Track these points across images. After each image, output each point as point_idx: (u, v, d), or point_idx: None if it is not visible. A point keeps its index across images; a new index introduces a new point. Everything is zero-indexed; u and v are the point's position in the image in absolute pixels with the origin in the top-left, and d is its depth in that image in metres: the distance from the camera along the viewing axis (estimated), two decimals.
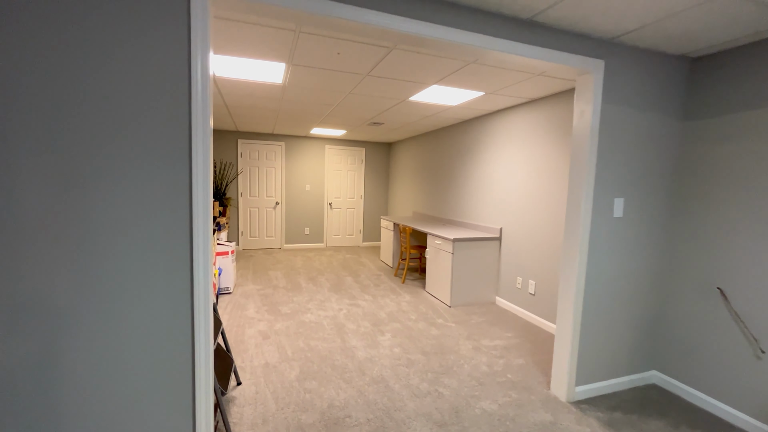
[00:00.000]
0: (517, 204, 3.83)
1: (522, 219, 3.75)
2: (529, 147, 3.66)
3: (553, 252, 3.35)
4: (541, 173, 3.51)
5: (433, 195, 5.70)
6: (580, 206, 2.17)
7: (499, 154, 4.11)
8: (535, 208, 3.58)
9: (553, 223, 3.36)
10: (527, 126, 3.68)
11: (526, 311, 3.68)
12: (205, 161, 1.41)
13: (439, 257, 4.18)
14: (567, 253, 2.25)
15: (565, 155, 3.22)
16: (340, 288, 4.53)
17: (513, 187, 3.89)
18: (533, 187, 3.60)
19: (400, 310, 3.80)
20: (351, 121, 5.16)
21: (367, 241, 7.71)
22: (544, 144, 3.46)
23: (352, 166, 7.44)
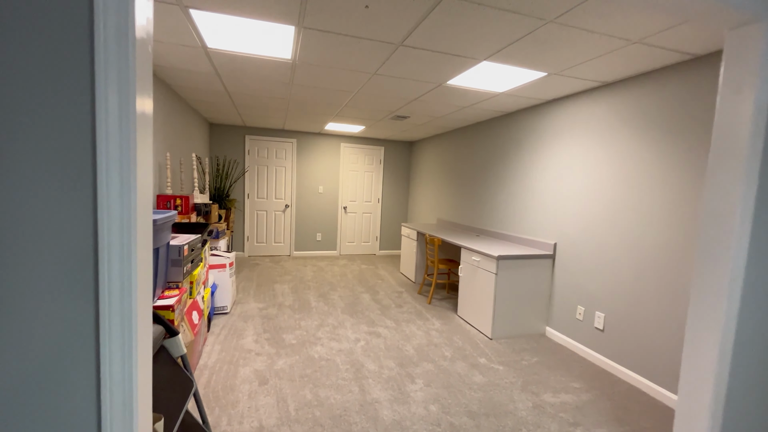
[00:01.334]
0: (579, 214, 3.08)
1: (587, 233, 3.00)
2: (600, 144, 2.90)
3: (636, 279, 2.58)
4: (618, 176, 2.75)
5: (464, 201, 4.97)
6: (731, 227, 1.42)
7: (555, 152, 3.36)
8: (607, 220, 2.82)
9: (636, 242, 2.60)
10: (598, 117, 2.93)
11: (591, 350, 2.92)
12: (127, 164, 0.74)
13: (477, 277, 3.45)
14: (701, 294, 1.50)
15: (661, 153, 2.46)
16: (356, 309, 3.84)
17: (574, 193, 3.14)
18: (605, 193, 2.84)
19: (430, 343, 3.08)
20: (372, 114, 4.48)
21: (384, 249, 7.01)
22: (623, 139, 2.71)
23: (369, 166, 6.77)
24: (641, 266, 2.55)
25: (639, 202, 2.56)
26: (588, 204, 2.99)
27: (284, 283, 4.66)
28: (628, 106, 2.67)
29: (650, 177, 2.50)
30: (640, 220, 2.56)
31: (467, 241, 3.90)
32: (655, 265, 2.46)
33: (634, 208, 2.61)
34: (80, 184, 0.72)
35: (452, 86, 3.10)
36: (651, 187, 2.48)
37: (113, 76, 0.73)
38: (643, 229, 2.53)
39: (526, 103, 3.56)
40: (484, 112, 4.05)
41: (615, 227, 2.76)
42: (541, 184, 3.51)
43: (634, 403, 2.32)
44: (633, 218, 2.61)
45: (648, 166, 2.52)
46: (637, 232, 2.59)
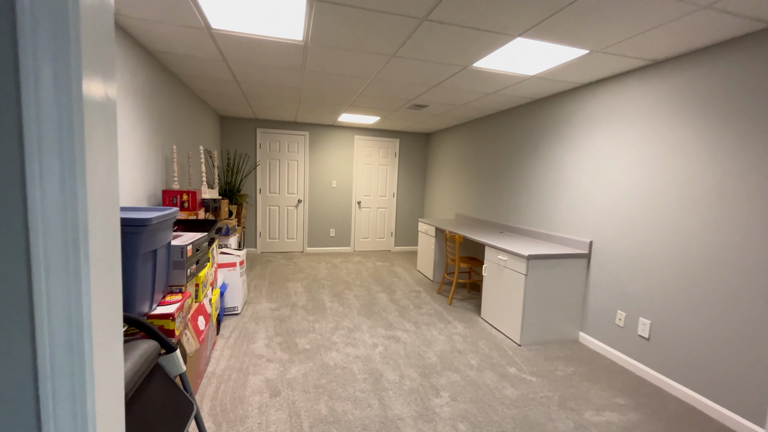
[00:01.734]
0: (619, 210, 2.78)
1: (629, 231, 2.70)
2: (645, 132, 2.59)
3: (689, 282, 2.28)
4: (666, 168, 2.44)
5: (485, 195, 4.68)
6: None
7: (590, 142, 3.05)
8: (652, 216, 2.52)
9: (688, 241, 2.30)
10: (643, 101, 2.61)
11: (634, 360, 2.64)
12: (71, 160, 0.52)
13: (504, 277, 3.19)
14: None
15: (719, 142, 2.14)
16: (373, 310, 3.63)
17: (613, 186, 2.83)
18: (650, 187, 2.54)
19: (454, 349, 2.85)
20: (388, 103, 4.22)
21: (399, 245, 6.78)
22: (672, 126, 2.39)
23: (384, 159, 6.52)
24: (694, 268, 2.25)
25: (690, 198, 2.25)
26: (630, 199, 2.69)
27: (297, 282, 4.49)
28: (681, 88, 2.35)
29: (705, 170, 2.19)
30: (692, 216, 2.26)
31: (491, 238, 3.63)
32: (712, 267, 2.16)
33: (685, 204, 2.30)
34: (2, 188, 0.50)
35: (478, 69, 2.82)
36: (705, 182, 2.17)
37: (46, 49, 0.50)
38: (697, 227, 2.22)
39: (559, 88, 3.25)
40: (510, 99, 3.75)
41: (662, 224, 2.46)
42: (575, 176, 3.21)
43: (689, 425, 2.05)
44: (684, 215, 2.31)
45: (702, 158, 2.20)
46: (689, 231, 2.28)
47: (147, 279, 1.53)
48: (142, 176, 2.69)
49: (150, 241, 1.49)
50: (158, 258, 1.62)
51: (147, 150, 2.76)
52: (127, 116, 2.43)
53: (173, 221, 1.77)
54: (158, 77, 2.94)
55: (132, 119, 2.50)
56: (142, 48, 2.62)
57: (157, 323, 1.58)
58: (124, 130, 2.41)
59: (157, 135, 2.93)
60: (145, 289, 1.52)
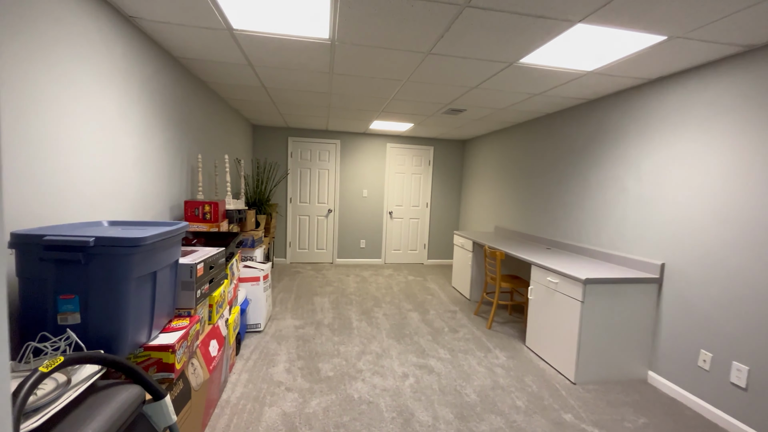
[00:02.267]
0: (701, 228, 2.30)
1: (716, 253, 2.22)
2: (735, 133, 2.12)
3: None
4: (766, 174, 1.97)
5: (529, 207, 4.26)
6: None
7: (659, 146, 2.60)
8: (749, 237, 2.04)
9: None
10: (733, 95, 2.15)
11: (723, 413, 2.13)
12: None
13: (555, 302, 2.78)
14: None
15: None
16: (404, 332, 3.32)
17: (692, 199, 2.37)
18: (746, 200, 2.06)
19: (496, 385, 2.47)
20: (422, 108, 3.95)
21: (433, 258, 6.43)
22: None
23: (417, 168, 6.24)
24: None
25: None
26: (719, 213, 2.21)
27: (325, 296, 4.27)
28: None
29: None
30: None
31: (537, 255, 3.22)
32: None
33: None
34: None
35: (526, 66, 2.49)
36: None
37: None
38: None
39: (620, 85, 2.82)
40: (559, 100, 3.35)
41: (762, 245, 1.97)
42: (640, 186, 2.75)
43: None
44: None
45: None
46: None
47: (144, 305, 1.33)
48: (166, 186, 2.59)
49: (147, 262, 1.30)
50: (160, 280, 1.44)
51: (173, 159, 2.67)
52: (150, 123, 2.33)
53: (181, 237, 1.58)
54: (188, 85, 2.87)
55: (156, 126, 2.41)
56: (167, 54, 2.53)
57: (155, 356, 1.38)
58: (147, 137, 2.31)
59: (183, 143, 2.85)
60: (142, 317, 1.33)
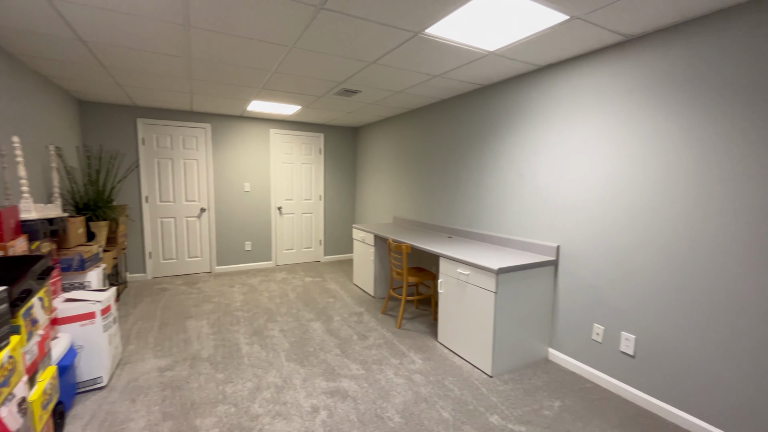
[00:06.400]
0: (592, 209, 2.44)
1: (605, 233, 2.36)
2: (621, 121, 2.26)
3: (679, 290, 1.98)
4: (646, 159, 2.13)
5: (428, 196, 4.17)
6: None
7: (553, 132, 2.68)
8: (633, 216, 2.20)
9: (677, 243, 2.00)
10: (617, 83, 2.27)
11: (618, 381, 2.31)
12: None
13: (467, 295, 2.67)
14: None
15: (713, 128, 1.85)
16: (307, 350, 2.82)
17: (580, 180, 2.49)
18: (631, 183, 2.21)
19: (418, 398, 2.21)
20: (312, 86, 3.41)
21: (330, 254, 5.99)
22: (653, 111, 2.08)
23: (307, 157, 5.65)
24: (684, 273, 1.96)
25: (673, 194, 1.94)
26: (604, 196, 2.35)
27: (202, 318, 3.43)
28: (660, 68, 2.04)
29: (689, 162, 1.90)
30: (676, 214, 1.96)
31: (442, 246, 3.10)
32: (705, 271, 1.87)
33: (668, 201, 2.00)
34: None
35: (432, 38, 2.22)
36: (690, 175, 1.87)
37: None
38: (683, 227, 1.92)
39: (518, 70, 2.82)
40: (456, 85, 3.25)
41: (643, 224, 2.15)
42: (535, 172, 2.83)
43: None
44: (667, 213, 2.01)
45: (686, 148, 1.91)
46: (675, 231, 1.99)
47: None
48: None
49: None
50: None
51: None
52: None
53: None
54: None
55: None
56: None
57: None
58: None
59: None
60: None
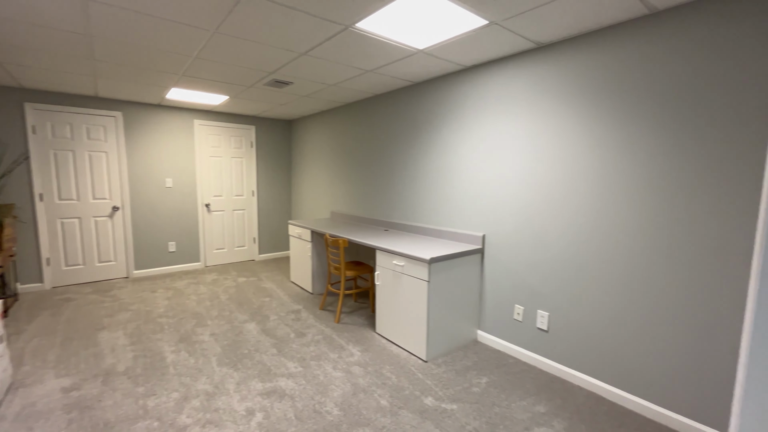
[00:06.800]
0: (512, 201, 2.67)
1: (523, 222, 2.61)
2: (534, 117, 2.50)
3: (586, 271, 2.28)
4: (556, 155, 2.39)
5: (364, 190, 4.21)
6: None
7: (478, 129, 2.87)
8: (547, 206, 2.46)
9: (580, 230, 2.28)
10: (532, 86, 2.50)
11: (535, 354, 2.58)
12: None
13: (402, 285, 2.76)
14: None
15: (610, 127, 2.14)
16: (241, 352, 2.70)
17: (502, 174, 2.71)
18: (544, 176, 2.47)
19: (357, 389, 2.25)
20: (239, 75, 3.23)
21: (266, 252, 5.75)
22: (561, 112, 2.34)
23: (237, 151, 5.34)
24: (588, 256, 2.26)
25: (578, 186, 2.21)
26: (521, 189, 2.59)
27: (117, 328, 3.08)
28: (567, 74, 2.30)
29: (591, 158, 2.19)
30: (582, 205, 2.25)
31: (379, 239, 3.16)
32: (605, 254, 2.18)
33: (575, 192, 2.28)
34: None
35: (362, 33, 2.23)
36: (593, 170, 2.15)
37: None
38: (587, 216, 2.21)
39: (446, 69, 2.96)
40: (390, 80, 3.31)
41: (554, 214, 2.42)
42: (463, 167, 3.01)
43: (605, 420, 2.01)
44: (574, 203, 2.29)
45: (588, 146, 2.19)
46: (581, 219, 2.28)
47: None
48: None
49: None
50: None
51: None
52: None
53: None
54: None
55: None
56: None
57: None
58: None
59: None
60: None
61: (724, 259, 1.75)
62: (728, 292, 1.75)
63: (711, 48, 1.74)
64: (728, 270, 1.74)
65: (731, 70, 1.69)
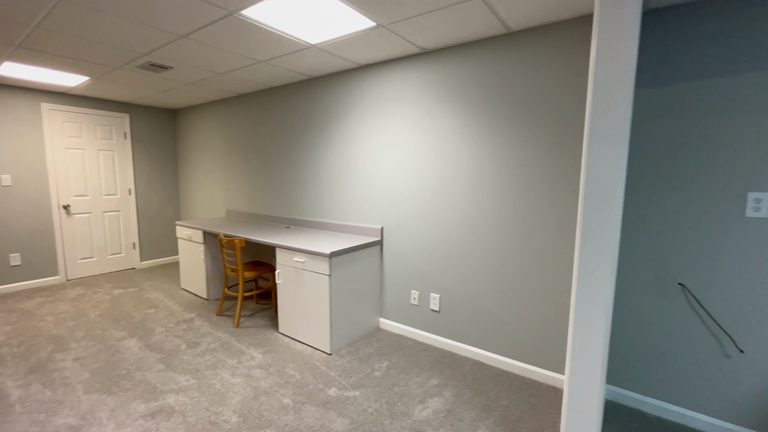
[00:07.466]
0: (407, 194, 2.86)
1: (416, 213, 2.82)
2: (422, 117, 2.71)
3: (468, 255, 2.58)
4: (441, 153, 2.64)
5: (264, 186, 4.02)
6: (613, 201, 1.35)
7: (375, 125, 2.99)
8: (436, 198, 2.71)
9: (463, 218, 2.58)
10: (419, 87, 2.71)
11: (429, 333, 2.84)
12: None
13: (304, 282, 2.74)
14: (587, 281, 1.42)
15: (481, 127, 2.44)
16: (117, 373, 2.35)
17: (400, 171, 2.88)
18: (432, 170, 2.70)
19: (259, 392, 2.17)
20: (102, 53, 2.77)
21: (149, 258, 5.07)
22: (443, 113, 2.59)
23: (106, 142, 4.57)
24: (467, 242, 2.57)
25: (458, 181, 2.51)
26: (416, 183, 2.80)
27: None
28: (446, 79, 2.56)
29: (468, 156, 2.49)
30: (463, 198, 2.55)
31: (279, 237, 3.08)
32: (480, 241, 2.51)
33: (456, 186, 2.57)
34: None
35: (250, 21, 2.12)
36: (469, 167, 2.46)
37: None
38: (466, 207, 2.52)
39: (342, 65, 3.00)
40: (287, 73, 3.21)
41: (440, 205, 2.68)
42: (362, 162, 3.10)
43: (484, 381, 2.32)
44: (455, 196, 2.58)
45: (465, 145, 2.49)
46: (462, 210, 2.57)
47: None
48: None
49: None
50: None
51: None
52: None
53: None
54: None
55: None
56: None
57: None
58: None
59: None
60: None
61: (563, 243, 2.18)
62: (566, 269, 2.18)
63: (551, 62, 2.14)
64: (567, 252, 2.17)
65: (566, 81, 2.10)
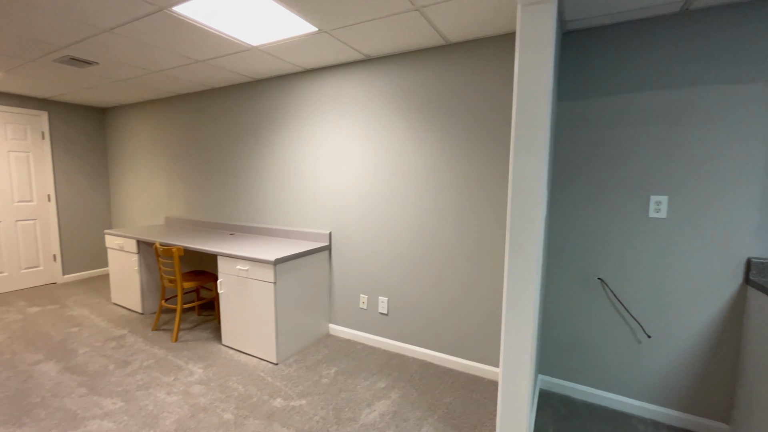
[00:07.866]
0: (354, 198, 2.87)
1: (364, 218, 2.84)
2: (367, 122, 2.74)
3: (415, 259, 2.64)
4: (387, 158, 2.69)
5: (206, 191, 3.82)
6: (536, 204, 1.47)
7: (321, 130, 2.97)
8: (383, 202, 2.74)
9: (409, 223, 2.64)
10: (363, 94, 2.74)
11: (378, 336, 2.86)
12: None
13: (248, 291, 2.64)
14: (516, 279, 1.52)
15: (421, 134, 2.53)
16: (30, 401, 2.09)
17: (347, 176, 2.89)
18: (379, 175, 2.74)
19: (197, 410, 2.05)
20: (11, 45, 2.48)
21: (74, 272, 4.58)
22: (388, 119, 2.64)
23: (19, 143, 4.08)
24: (413, 247, 2.63)
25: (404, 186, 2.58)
26: (364, 188, 2.82)
27: None
28: (392, 85, 2.62)
29: (413, 162, 2.56)
30: (412, 203, 2.61)
31: (221, 244, 2.94)
32: (425, 245, 2.59)
33: (401, 191, 2.64)
34: None
35: (182, 19, 2.02)
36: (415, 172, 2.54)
37: None
38: (412, 212, 2.59)
39: (286, 69, 2.95)
40: (227, 74, 3.09)
41: (387, 209, 2.72)
42: (309, 166, 3.07)
43: (430, 380, 2.39)
44: (402, 200, 2.64)
45: (411, 150, 2.57)
46: (409, 215, 2.64)
47: None
48: None
49: None
50: None
51: None
52: None
53: None
54: None
55: None
56: None
57: None
58: None
59: None
60: None
61: (500, 243, 2.31)
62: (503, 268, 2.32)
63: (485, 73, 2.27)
64: (503, 251, 2.31)
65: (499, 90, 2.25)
